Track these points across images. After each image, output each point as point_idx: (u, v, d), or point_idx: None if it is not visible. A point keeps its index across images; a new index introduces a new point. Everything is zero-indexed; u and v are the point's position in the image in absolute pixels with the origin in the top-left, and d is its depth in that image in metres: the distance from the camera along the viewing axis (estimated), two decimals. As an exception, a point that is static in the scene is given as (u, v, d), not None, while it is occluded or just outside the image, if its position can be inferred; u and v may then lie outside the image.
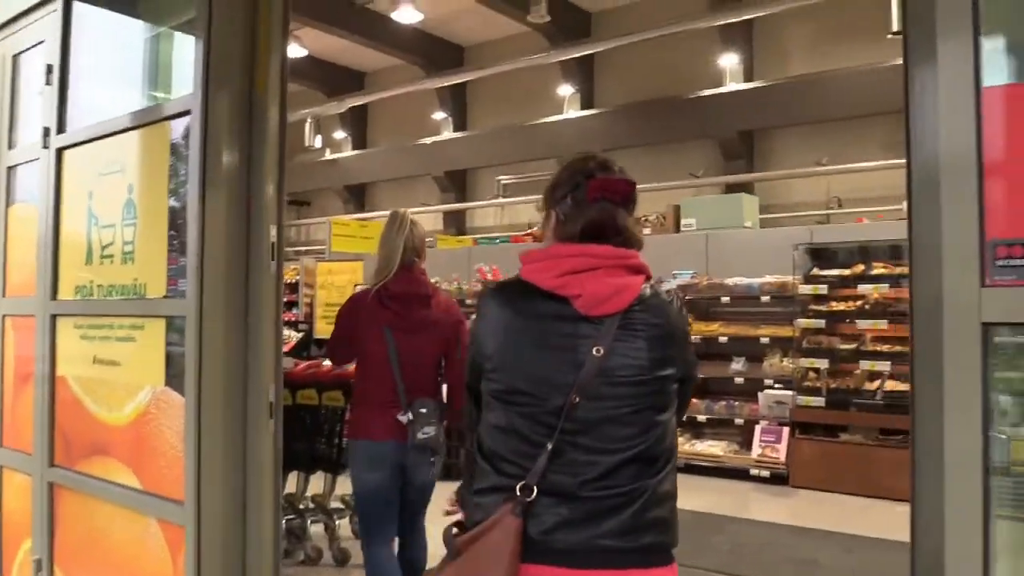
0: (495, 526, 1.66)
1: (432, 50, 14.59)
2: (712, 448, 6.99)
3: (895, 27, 9.98)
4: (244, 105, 2.33)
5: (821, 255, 6.98)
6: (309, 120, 15.21)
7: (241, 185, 2.32)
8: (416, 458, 3.28)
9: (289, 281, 12.46)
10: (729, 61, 11.89)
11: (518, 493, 1.66)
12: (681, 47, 12.10)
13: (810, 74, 11.10)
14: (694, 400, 7.15)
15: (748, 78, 11.89)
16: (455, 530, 1.74)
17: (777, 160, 12.03)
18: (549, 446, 1.66)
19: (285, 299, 13.36)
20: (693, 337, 7.06)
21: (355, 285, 6.03)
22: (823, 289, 6.59)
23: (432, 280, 3.70)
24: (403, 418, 3.25)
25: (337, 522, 4.80)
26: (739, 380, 6.95)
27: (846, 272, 6.64)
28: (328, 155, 16.50)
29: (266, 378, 2.29)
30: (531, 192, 14.00)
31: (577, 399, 1.67)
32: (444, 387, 3.56)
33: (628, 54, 12.60)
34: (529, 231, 10.03)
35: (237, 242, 2.30)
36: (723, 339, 7.10)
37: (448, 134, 15.03)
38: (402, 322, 3.33)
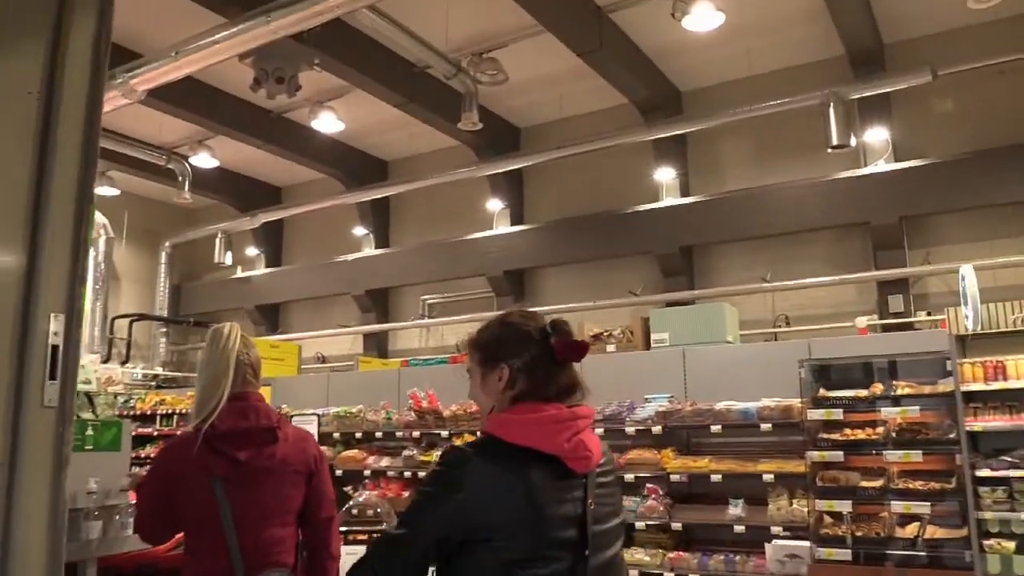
0: None
1: (353, 163, 13.80)
2: (710, 617, 5.62)
3: (835, 141, 9.80)
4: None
5: (820, 375, 5.97)
6: (220, 235, 14.12)
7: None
8: None
9: (186, 411, 10.97)
10: (665, 176, 11.49)
11: None
12: (614, 162, 11.69)
13: (749, 189, 10.76)
14: (682, 554, 6.08)
15: (684, 193, 11.48)
16: None
17: (718, 277, 11.52)
18: None
19: (180, 430, 11.66)
20: (676, 474, 6.18)
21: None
22: (837, 414, 5.51)
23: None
24: None
25: None
26: (739, 528, 5.78)
27: (863, 392, 5.60)
28: (239, 273, 15.30)
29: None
30: (457, 312, 13.10)
31: (588, 552, 1.75)
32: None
33: (559, 169, 12.12)
34: (464, 352, 9.00)
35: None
36: (715, 477, 5.89)
37: (369, 251, 14.08)
38: (238, 469, 2.50)
